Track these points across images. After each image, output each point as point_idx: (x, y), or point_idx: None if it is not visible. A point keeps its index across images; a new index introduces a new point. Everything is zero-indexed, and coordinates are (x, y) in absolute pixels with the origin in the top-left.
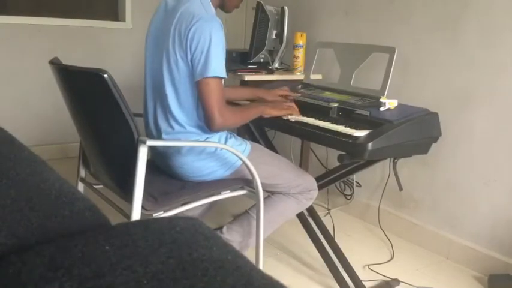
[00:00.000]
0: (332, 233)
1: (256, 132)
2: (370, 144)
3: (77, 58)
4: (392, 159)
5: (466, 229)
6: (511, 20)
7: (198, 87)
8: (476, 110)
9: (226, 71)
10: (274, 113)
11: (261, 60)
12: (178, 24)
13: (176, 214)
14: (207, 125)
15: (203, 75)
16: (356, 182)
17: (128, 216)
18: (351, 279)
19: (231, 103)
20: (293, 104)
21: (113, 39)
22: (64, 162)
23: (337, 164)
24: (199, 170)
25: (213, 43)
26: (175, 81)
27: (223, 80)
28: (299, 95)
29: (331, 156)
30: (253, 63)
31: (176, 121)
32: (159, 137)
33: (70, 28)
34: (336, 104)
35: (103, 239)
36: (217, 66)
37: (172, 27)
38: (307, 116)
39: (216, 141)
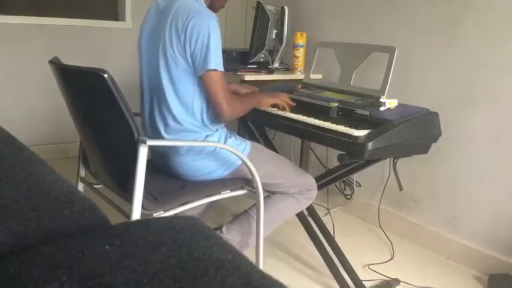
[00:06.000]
0: (332, 233)
1: (256, 132)
2: (370, 143)
3: (76, 58)
4: (392, 159)
5: (466, 229)
6: (511, 19)
7: (203, 81)
8: (477, 109)
9: (224, 68)
10: (272, 101)
11: (261, 60)
12: (174, 20)
13: (176, 214)
14: (218, 116)
15: (206, 68)
16: (356, 181)
17: (128, 216)
18: (351, 279)
19: None
20: (285, 95)
21: (113, 39)
22: (64, 162)
23: (337, 163)
24: (198, 169)
25: (212, 37)
26: (173, 78)
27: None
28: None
29: (331, 156)
30: (253, 63)
31: (175, 119)
32: (156, 136)
33: (70, 28)
34: (336, 104)
35: (103, 239)
36: (218, 59)
37: (168, 24)
38: (307, 116)
39: (216, 141)
